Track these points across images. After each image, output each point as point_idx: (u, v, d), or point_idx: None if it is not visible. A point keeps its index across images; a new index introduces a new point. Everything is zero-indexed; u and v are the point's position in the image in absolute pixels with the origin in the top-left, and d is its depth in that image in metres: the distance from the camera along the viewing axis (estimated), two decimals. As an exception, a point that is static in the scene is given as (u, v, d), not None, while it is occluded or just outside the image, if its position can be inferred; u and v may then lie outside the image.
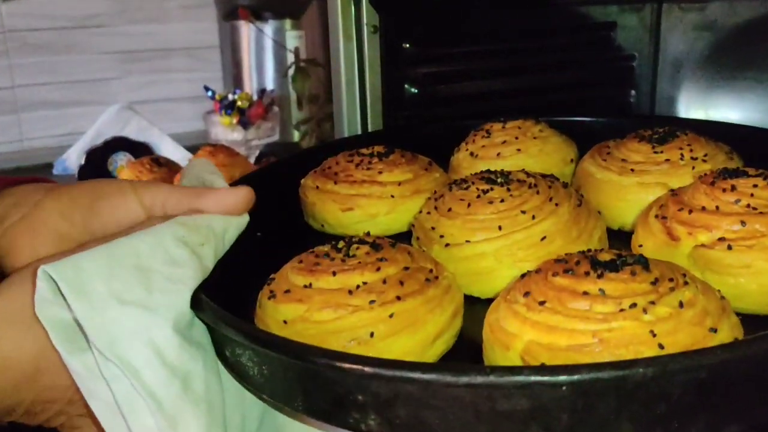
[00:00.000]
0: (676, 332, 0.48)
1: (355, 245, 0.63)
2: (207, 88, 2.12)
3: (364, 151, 0.89)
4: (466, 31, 1.25)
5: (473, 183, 0.74)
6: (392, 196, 0.83)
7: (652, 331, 0.48)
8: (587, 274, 0.52)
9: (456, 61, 1.25)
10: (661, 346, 0.47)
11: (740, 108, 1.29)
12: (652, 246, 0.66)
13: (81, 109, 2.24)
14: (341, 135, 1.11)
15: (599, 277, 0.52)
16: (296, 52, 2.12)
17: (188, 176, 0.70)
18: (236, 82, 2.29)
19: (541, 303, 0.52)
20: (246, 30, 2.21)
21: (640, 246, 0.68)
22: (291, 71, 2.10)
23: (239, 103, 2.07)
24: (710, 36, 1.31)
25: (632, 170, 0.80)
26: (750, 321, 0.56)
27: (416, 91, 1.18)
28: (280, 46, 2.14)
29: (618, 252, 0.56)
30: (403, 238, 0.80)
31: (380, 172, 0.85)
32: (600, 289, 0.50)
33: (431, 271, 0.62)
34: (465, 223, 0.70)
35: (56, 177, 2.03)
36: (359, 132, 1.11)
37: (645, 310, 0.49)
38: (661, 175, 0.78)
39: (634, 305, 0.49)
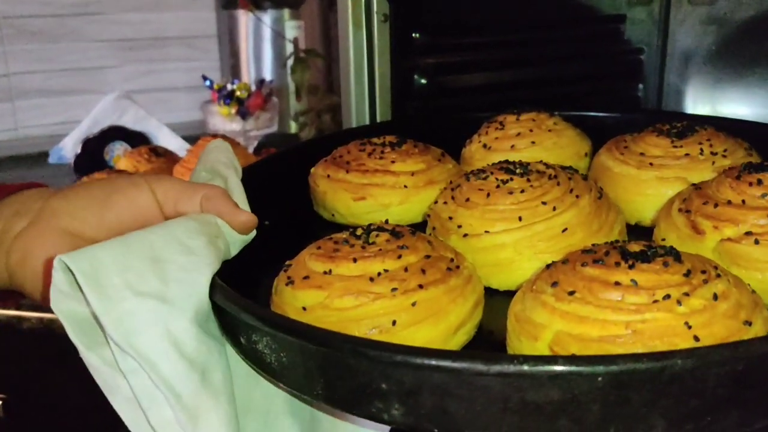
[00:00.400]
0: (712, 324, 0.47)
1: (375, 232, 0.62)
2: (205, 78, 2.10)
3: (375, 140, 0.88)
4: (475, 22, 1.24)
5: (492, 173, 0.72)
6: (405, 186, 0.82)
7: (686, 323, 0.47)
8: (618, 264, 0.51)
9: (465, 51, 1.24)
10: (696, 339, 0.46)
11: (748, 103, 1.28)
12: (676, 240, 0.65)
13: (77, 97, 2.22)
14: (349, 125, 1.09)
15: (631, 267, 0.50)
16: (295, 42, 2.10)
17: (204, 161, 0.69)
18: (234, 72, 2.27)
19: (571, 293, 0.50)
20: (245, 19, 2.19)
21: (663, 240, 0.67)
22: (290, 62, 2.09)
23: (238, 93, 2.05)
24: (719, 30, 1.30)
25: (651, 164, 0.79)
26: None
27: (425, 81, 1.17)
28: (279, 35, 2.12)
29: (647, 243, 0.55)
30: (417, 229, 0.79)
31: (393, 162, 0.83)
32: (632, 280, 0.49)
33: (452, 260, 0.61)
34: (484, 213, 0.68)
35: (52, 166, 2.01)
36: (367, 122, 1.10)
37: (679, 302, 0.48)
38: (680, 170, 0.77)
39: (667, 296, 0.48)
